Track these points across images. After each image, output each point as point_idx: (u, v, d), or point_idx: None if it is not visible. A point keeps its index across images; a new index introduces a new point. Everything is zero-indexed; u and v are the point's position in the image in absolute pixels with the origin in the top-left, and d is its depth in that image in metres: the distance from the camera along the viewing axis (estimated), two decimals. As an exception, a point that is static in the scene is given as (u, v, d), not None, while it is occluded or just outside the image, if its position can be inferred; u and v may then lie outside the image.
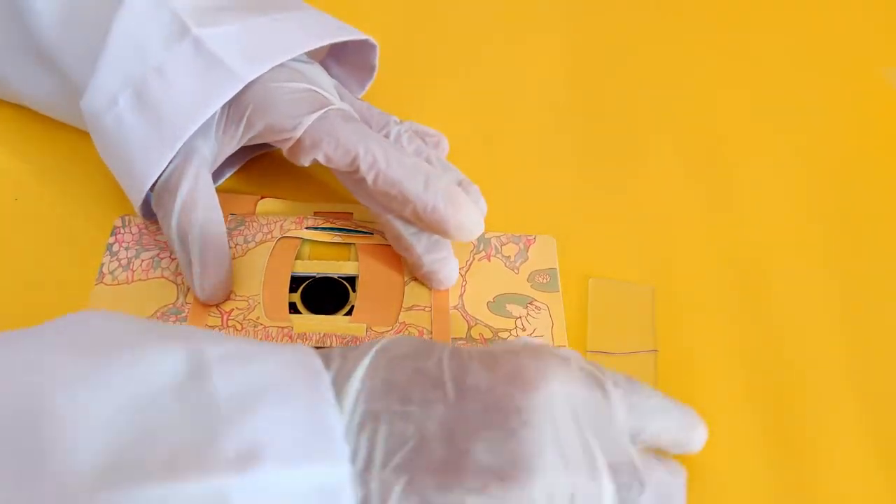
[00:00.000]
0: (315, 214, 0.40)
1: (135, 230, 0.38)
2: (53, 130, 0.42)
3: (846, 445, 0.33)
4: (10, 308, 0.36)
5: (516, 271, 0.38)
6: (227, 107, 0.36)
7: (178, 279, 0.36)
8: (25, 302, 0.36)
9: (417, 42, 0.49)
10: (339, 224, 0.39)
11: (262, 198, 0.40)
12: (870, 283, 0.39)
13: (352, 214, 0.40)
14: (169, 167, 0.35)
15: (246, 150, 0.41)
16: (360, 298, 0.36)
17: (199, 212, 0.35)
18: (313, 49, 0.37)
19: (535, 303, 0.37)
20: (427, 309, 0.36)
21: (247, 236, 0.38)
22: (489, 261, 0.38)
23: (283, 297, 0.36)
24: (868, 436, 0.34)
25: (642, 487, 0.26)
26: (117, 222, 0.39)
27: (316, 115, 0.35)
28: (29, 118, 0.42)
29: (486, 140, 0.44)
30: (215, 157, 0.37)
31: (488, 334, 0.35)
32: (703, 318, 0.37)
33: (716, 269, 0.39)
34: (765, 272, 0.39)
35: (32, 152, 0.42)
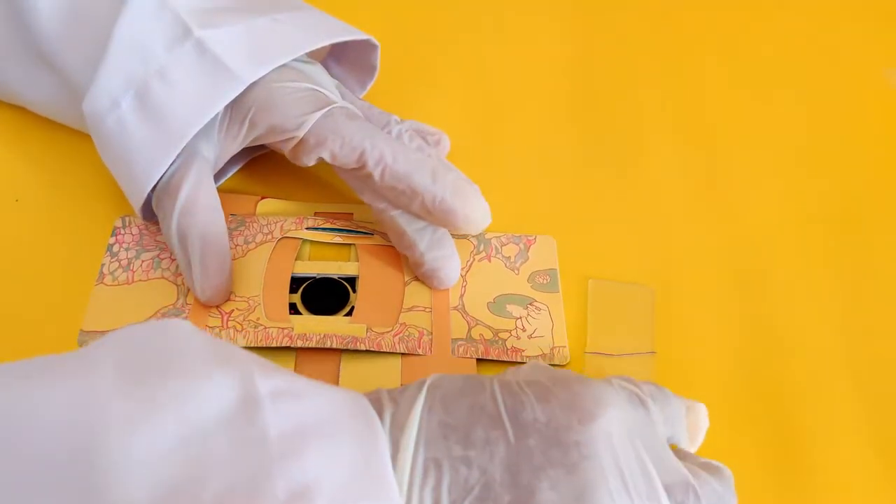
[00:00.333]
0: (315, 215, 0.40)
1: (135, 231, 0.38)
2: (54, 132, 0.42)
3: (845, 446, 0.33)
4: (11, 308, 0.36)
5: (516, 272, 0.38)
6: (229, 108, 0.36)
7: (179, 280, 0.36)
8: (26, 302, 0.36)
9: (418, 42, 0.49)
10: (339, 224, 0.39)
11: (263, 198, 0.40)
12: (869, 284, 0.39)
13: (352, 215, 0.40)
14: (170, 169, 0.35)
15: (246, 151, 0.41)
16: (361, 299, 0.36)
17: (200, 213, 0.35)
18: (314, 49, 0.37)
19: (535, 303, 0.37)
20: (427, 310, 0.36)
21: (247, 237, 0.38)
22: (489, 261, 0.38)
23: (284, 298, 0.36)
24: (868, 436, 0.34)
25: (698, 501, 0.26)
26: (118, 223, 0.39)
27: (320, 114, 0.35)
28: (29, 119, 0.42)
29: (486, 140, 0.44)
30: (217, 159, 0.37)
31: (489, 335, 0.35)
32: (702, 319, 0.37)
33: (715, 269, 0.39)
34: (764, 273, 0.39)
35: (33, 153, 0.42)
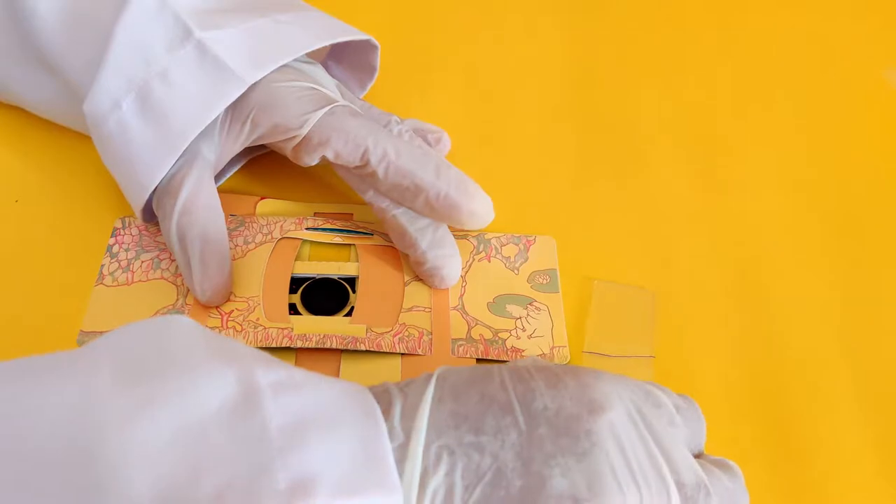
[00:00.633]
0: (315, 215, 0.40)
1: (135, 231, 0.38)
2: (54, 133, 0.42)
3: (846, 447, 0.33)
4: (11, 309, 0.36)
5: (516, 272, 0.38)
6: (230, 109, 0.36)
7: (178, 280, 0.36)
8: (26, 303, 0.36)
9: (417, 43, 0.49)
10: (339, 225, 0.39)
11: (262, 199, 0.40)
12: (870, 287, 0.39)
13: (352, 215, 0.40)
14: (171, 170, 0.35)
15: (246, 151, 0.41)
16: (360, 299, 0.36)
17: (200, 213, 0.35)
18: (314, 49, 0.37)
19: (535, 303, 0.37)
20: (427, 310, 0.36)
21: (247, 237, 0.38)
22: (489, 261, 0.38)
23: (283, 298, 0.36)
24: (868, 436, 0.34)
25: (709, 497, 0.26)
26: (117, 224, 0.39)
27: (323, 112, 0.35)
28: (30, 120, 0.42)
29: (486, 141, 0.44)
30: (218, 159, 0.37)
31: (488, 335, 0.35)
32: (702, 319, 0.37)
33: (715, 270, 0.39)
34: (765, 274, 0.39)
35: (33, 154, 0.42)
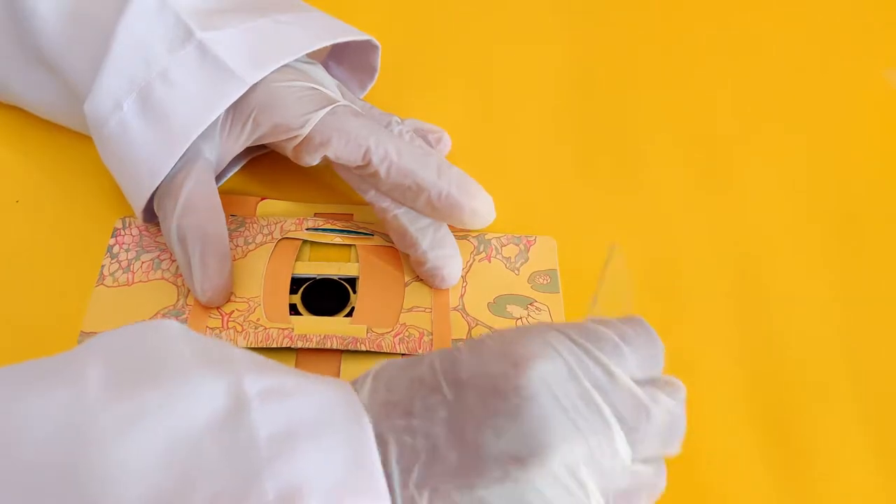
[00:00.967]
0: (315, 216, 0.40)
1: (135, 232, 0.38)
2: (54, 133, 0.42)
3: (845, 445, 0.33)
4: (11, 310, 0.36)
5: (517, 272, 0.38)
6: (231, 109, 0.36)
7: (179, 281, 0.36)
8: (26, 304, 0.36)
9: (417, 43, 0.49)
10: (339, 225, 0.39)
11: (263, 199, 0.40)
12: (870, 285, 0.39)
13: (352, 216, 0.40)
14: (172, 170, 0.35)
15: (246, 151, 0.41)
16: (361, 300, 0.36)
17: (200, 214, 0.35)
18: (315, 50, 0.37)
19: (535, 304, 0.37)
20: (427, 310, 0.36)
21: (247, 238, 0.38)
22: (489, 262, 0.38)
23: (284, 299, 0.36)
24: (868, 435, 0.34)
25: (649, 419, 0.25)
26: (117, 224, 0.39)
27: (324, 112, 0.35)
28: (30, 121, 0.42)
29: (486, 141, 0.43)
30: (219, 160, 0.37)
31: (489, 335, 0.35)
32: (702, 319, 0.37)
33: (715, 270, 0.39)
34: (765, 274, 0.39)
35: (33, 155, 0.42)
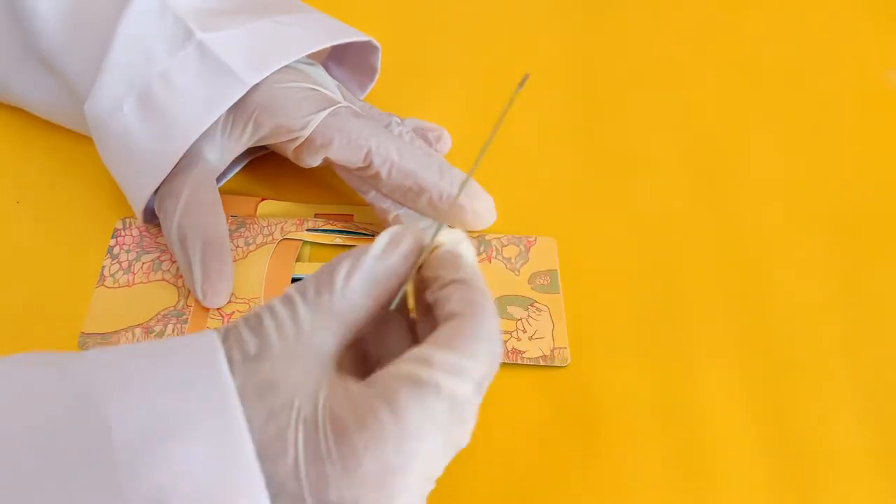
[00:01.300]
0: (316, 216, 0.40)
1: (135, 232, 0.38)
2: (55, 134, 0.42)
3: (846, 445, 0.33)
4: (12, 310, 0.36)
5: (517, 273, 0.38)
6: (231, 110, 0.36)
7: (179, 282, 0.36)
8: (27, 304, 0.36)
9: (417, 43, 0.49)
10: (339, 226, 0.39)
11: (263, 200, 0.40)
12: (870, 284, 0.39)
13: (352, 216, 0.40)
14: (173, 171, 0.35)
15: (247, 151, 0.41)
16: (361, 301, 0.36)
17: (201, 214, 0.35)
18: (315, 51, 0.37)
19: (536, 304, 0.37)
20: (428, 311, 0.36)
21: (247, 238, 0.38)
22: (490, 262, 0.38)
23: (285, 300, 0.36)
24: (869, 438, 0.34)
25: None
26: (118, 224, 0.39)
27: (325, 113, 0.35)
28: (30, 121, 0.42)
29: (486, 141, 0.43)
30: (220, 161, 0.37)
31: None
32: (703, 320, 0.37)
33: (716, 270, 0.39)
34: (765, 275, 0.39)
35: (33, 155, 0.42)
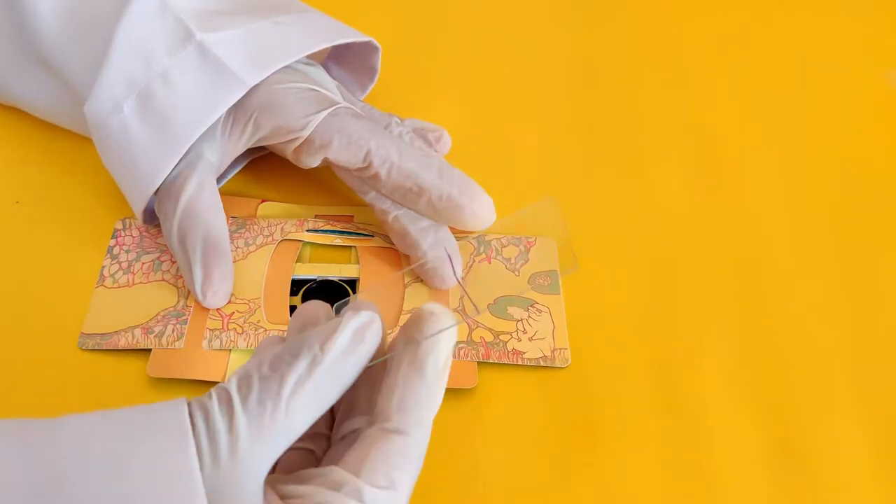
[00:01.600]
0: (316, 217, 0.40)
1: (135, 233, 0.38)
2: (54, 134, 0.42)
3: (847, 448, 0.33)
4: (11, 311, 0.36)
5: (517, 273, 0.38)
6: (232, 110, 0.36)
7: (179, 282, 0.36)
8: (26, 305, 0.36)
9: (418, 44, 0.49)
10: (339, 227, 0.39)
11: (263, 201, 0.40)
12: (870, 284, 0.39)
13: (353, 217, 0.40)
14: (173, 171, 0.35)
15: (247, 152, 0.41)
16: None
17: (202, 215, 0.35)
18: (315, 51, 0.37)
19: (536, 305, 0.37)
20: (428, 312, 0.36)
21: (247, 239, 0.38)
22: (490, 263, 0.38)
23: (284, 300, 0.36)
24: (869, 438, 0.34)
25: None
26: (118, 225, 0.39)
27: (325, 113, 0.35)
28: (30, 122, 0.42)
29: (486, 143, 0.43)
30: (220, 161, 0.37)
31: (489, 337, 0.35)
32: (703, 320, 0.37)
33: (717, 270, 0.39)
34: (766, 274, 0.39)
35: (33, 155, 0.42)
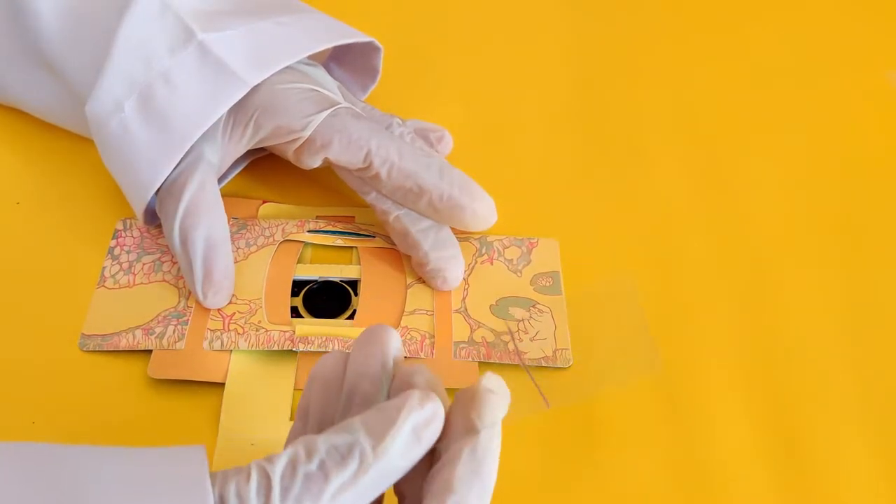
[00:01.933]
0: (317, 218, 0.39)
1: (136, 233, 0.38)
2: (55, 135, 0.42)
3: (847, 445, 0.33)
4: (12, 311, 0.36)
5: (519, 274, 0.38)
6: (232, 111, 0.36)
7: (180, 283, 0.36)
8: (27, 305, 0.36)
9: (418, 45, 0.48)
10: (340, 227, 0.39)
11: (264, 202, 0.40)
12: (870, 285, 0.39)
13: (354, 218, 0.40)
14: (174, 172, 0.35)
15: (248, 153, 0.41)
16: (363, 302, 0.36)
17: (203, 216, 0.35)
18: (316, 52, 0.37)
19: (537, 306, 0.37)
20: (429, 313, 0.36)
21: (248, 240, 0.38)
22: (492, 264, 0.38)
23: (285, 301, 0.36)
24: (870, 438, 0.34)
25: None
26: (118, 225, 0.38)
27: (326, 114, 0.35)
28: (30, 122, 0.42)
29: (488, 143, 0.43)
30: (221, 162, 0.37)
31: (491, 338, 0.35)
32: (704, 320, 0.37)
33: (717, 270, 0.39)
34: (767, 275, 0.39)
35: (34, 156, 0.42)
